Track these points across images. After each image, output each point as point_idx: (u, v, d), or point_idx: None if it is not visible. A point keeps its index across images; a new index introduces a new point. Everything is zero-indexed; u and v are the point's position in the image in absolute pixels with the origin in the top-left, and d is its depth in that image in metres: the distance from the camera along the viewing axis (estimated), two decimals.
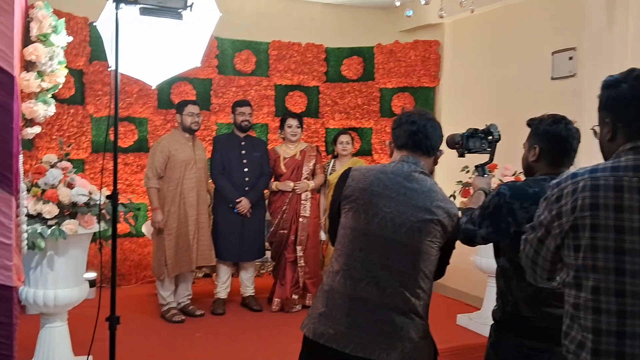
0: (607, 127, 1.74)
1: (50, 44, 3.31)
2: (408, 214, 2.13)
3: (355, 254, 2.17)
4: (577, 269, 1.64)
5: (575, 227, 1.64)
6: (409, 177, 2.20)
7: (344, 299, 2.16)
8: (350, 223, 2.21)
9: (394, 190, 2.16)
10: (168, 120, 6.29)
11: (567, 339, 1.68)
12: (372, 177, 2.21)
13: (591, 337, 1.60)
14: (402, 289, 2.12)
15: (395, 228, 2.13)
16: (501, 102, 5.80)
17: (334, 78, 7.04)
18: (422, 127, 2.26)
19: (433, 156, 2.32)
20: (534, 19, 5.45)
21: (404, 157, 2.27)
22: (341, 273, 2.19)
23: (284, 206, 5.32)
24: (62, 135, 5.63)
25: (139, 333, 4.64)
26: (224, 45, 6.60)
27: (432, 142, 2.28)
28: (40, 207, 3.39)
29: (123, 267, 6.10)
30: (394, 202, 2.15)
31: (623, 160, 1.64)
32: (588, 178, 1.64)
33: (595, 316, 1.59)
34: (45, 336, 3.65)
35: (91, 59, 5.96)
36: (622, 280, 1.57)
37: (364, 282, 2.14)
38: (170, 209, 4.93)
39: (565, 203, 1.66)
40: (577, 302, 1.64)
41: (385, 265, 2.13)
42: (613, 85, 1.73)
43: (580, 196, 1.62)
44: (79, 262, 3.69)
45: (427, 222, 2.13)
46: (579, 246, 1.63)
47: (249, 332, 4.77)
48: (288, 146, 5.45)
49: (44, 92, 3.36)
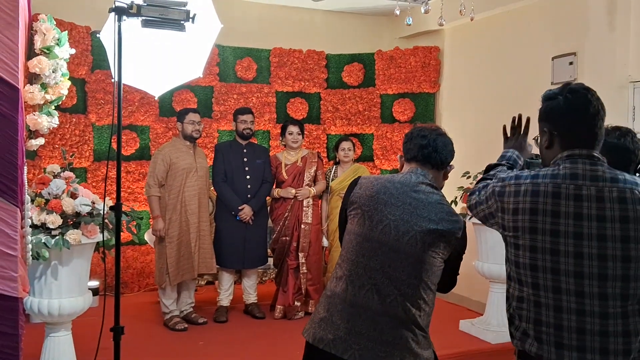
0: (545, 135, 1.98)
1: (54, 56, 3.34)
2: (412, 223, 2.15)
3: (358, 259, 2.20)
4: (517, 265, 1.94)
5: (515, 228, 1.89)
6: (416, 188, 2.22)
7: (344, 305, 2.18)
8: (355, 229, 2.24)
9: (399, 200, 2.19)
10: (170, 128, 6.31)
11: (512, 326, 1.95)
12: (380, 186, 2.24)
13: (533, 327, 1.87)
14: (403, 298, 2.13)
15: (399, 236, 2.14)
16: (501, 107, 5.81)
17: (334, 84, 7.06)
18: (432, 141, 2.29)
19: (442, 170, 2.34)
20: (534, 24, 5.47)
21: (413, 169, 2.30)
22: (344, 279, 2.22)
23: (286, 213, 5.33)
24: (64, 144, 5.65)
25: (142, 341, 4.64)
26: (225, 52, 6.63)
27: (442, 156, 2.30)
28: (44, 217, 3.41)
29: (125, 275, 6.11)
30: (399, 211, 2.17)
31: (561, 168, 1.85)
32: (530, 183, 1.86)
33: (537, 309, 1.86)
34: (50, 345, 3.66)
35: (93, 67, 5.99)
36: (557, 278, 1.82)
37: (365, 289, 2.16)
38: (171, 217, 4.94)
39: (516, 202, 1.88)
40: (520, 295, 1.92)
41: (386, 273, 2.14)
42: (551, 98, 1.96)
43: (522, 199, 1.86)
44: (82, 272, 3.71)
45: (430, 233, 2.14)
46: (518, 245, 1.91)
47: (251, 339, 4.78)
48: (289, 153, 5.46)
49: (47, 104, 3.38)
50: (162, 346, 4.61)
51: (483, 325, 4.87)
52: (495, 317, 4.85)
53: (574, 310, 1.80)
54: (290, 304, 5.31)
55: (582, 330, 1.80)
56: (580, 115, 1.89)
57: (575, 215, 1.79)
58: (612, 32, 4.65)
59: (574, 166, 1.84)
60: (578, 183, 1.81)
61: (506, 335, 4.64)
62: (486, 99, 6.04)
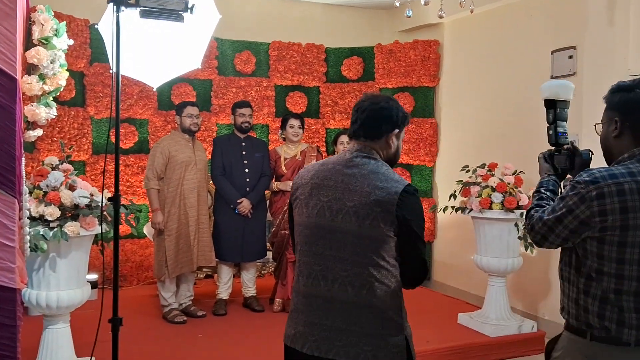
0: (614, 125, 2.02)
1: (52, 47, 3.32)
2: (345, 199, 2.07)
3: (303, 249, 2.17)
4: (622, 262, 1.92)
5: (625, 227, 1.89)
6: (349, 164, 2.14)
7: (299, 297, 2.16)
8: (297, 219, 2.22)
9: (332, 179, 2.13)
10: (168, 122, 6.30)
11: (605, 319, 1.95)
12: (314, 171, 2.21)
13: (635, 315, 1.92)
14: (351, 280, 2.04)
15: (333, 216, 2.08)
16: (501, 101, 5.81)
17: (334, 78, 7.05)
18: (360, 112, 2.18)
19: (382, 138, 2.18)
20: (534, 18, 5.45)
21: (351, 146, 2.23)
22: (296, 271, 2.21)
23: (285, 206, 5.33)
24: (63, 137, 5.65)
25: (140, 334, 4.64)
26: (224, 46, 6.61)
27: (372, 127, 2.16)
28: (42, 209, 3.41)
29: (124, 268, 6.11)
30: (331, 191, 2.11)
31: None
32: (632, 181, 1.90)
33: (637, 299, 1.92)
34: (48, 338, 3.66)
35: (91, 60, 5.98)
36: None
37: (312, 277, 2.12)
38: (170, 210, 4.94)
39: (612, 202, 1.90)
40: (619, 288, 1.93)
41: (330, 256, 2.08)
42: (627, 90, 2.01)
43: (630, 198, 1.89)
44: (81, 264, 3.70)
45: (363, 206, 2.03)
46: (625, 243, 1.90)
47: (250, 332, 4.78)
48: (289, 147, 5.45)
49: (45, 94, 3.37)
50: (161, 339, 4.61)
51: (482, 318, 4.87)
52: (493, 310, 4.85)
53: None
54: (289, 297, 5.31)
55: None
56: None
57: None
58: (611, 26, 4.63)
59: None
60: None
61: (505, 328, 4.72)
62: (486, 92, 6.03)
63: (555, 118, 2.29)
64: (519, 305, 5.36)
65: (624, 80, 2.05)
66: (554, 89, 2.31)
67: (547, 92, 2.31)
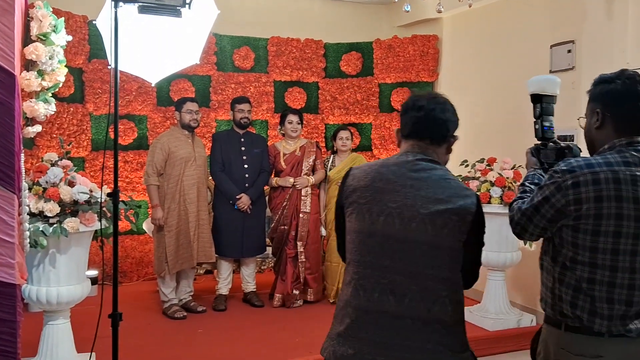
0: (596, 116, 2.05)
1: (51, 42, 3.32)
2: (417, 206, 1.88)
3: (365, 259, 1.94)
4: (596, 250, 1.92)
5: (599, 215, 1.90)
6: (415, 167, 1.95)
7: (358, 313, 1.92)
8: (355, 226, 1.98)
9: (398, 184, 1.92)
10: (167, 118, 6.31)
11: (578, 308, 1.96)
12: (374, 173, 1.98)
13: (607, 306, 1.92)
14: (423, 295, 1.87)
15: (404, 224, 1.88)
16: (500, 95, 5.81)
17: (333, 74, 7.05)
18: (429, 112, 1.99)
19: (445, 144, 2.04)
20: (533, 12, 5.45)
21: (410, 147, 2.02)
22: (352, 284, 1.96)
23: (284, 202, 5.34)
24: (62, 134, 5.65)
25: (141, 330, 4.66)
26: (222, 41, 6.61)
27: (442, 129, 2.01)
28: (41, 206, 3.41)
29: (124, 264, 6.13)
30: (400, 196, 1.90)
31: (629, 155, 1.95)
32: (608, 170, 1.91)
33: (610, 289, 1.93)
34: (49, 333, 3.67)
35: (90, 57, 5.98)
36: (634, 259, 1.92)
37: (377, 291, 1.90)
38: (170, 206, 4.94)
39: (587, 191, 1.91)
40: (592, 277, 1.94)
41: (399, 269, 1.89)
42: (607, 81, 2.04)
43: (605, 187, 1.90)
44: (80, 260, 3.71)
45: (440, 214, 1.87)
46: (598, 232, 1.91)
47: (250, 327, 4.79)
48: (288, 142, 5.46)
49: (44, 91, 3.38)
50: (161, 334, 4.63)
51: (481, 312, 4.89)
52: (493, 304, 4.87)
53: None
54: (289, 292, 5.33)
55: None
56: (637, 102, 1.99)
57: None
58: (610, 19, 4.63)
59: (638, 154, 1.96)
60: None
61: (504, 322, 4.73)
62: (484, 87, 6.03)
63: (541, 112, 2.31)
64: (518, 299, 5.37)
65: (606, 73, 2.07)
66: (540, 83, 2.33)
67: (534, 86, 2.33)
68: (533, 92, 2.33)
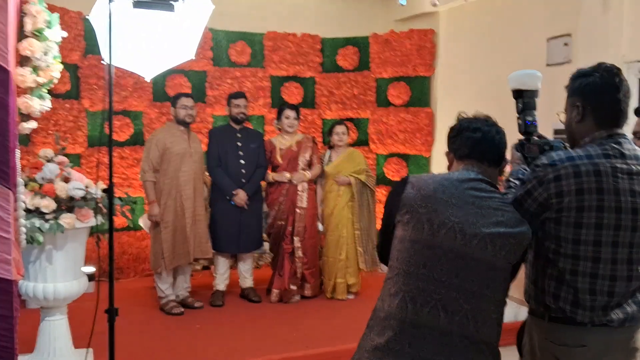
0: (577, 110, 2.06)
1: (45, 38, 3.31)
2: (479, 224, 1.87)
3: (418, 271, 1.88)
4: (578, 242, 1.94)
5: (580, 207, 1.92)
6: (478, 187, 1.94)
7: (404, 326, 1.86)
8: (411, 235, 1.91)
9: (461, 199, 1.90)
10: (163, 113, 6.29)
11: (560, 300, 1.98)
12: (436, 184, 1.94)
13: (589, 297, 1.94)
14: (474, 314, 1.85)
15: (466, 240, 1.85)
16: (496, 89, 5.79)
17: (329, 68, 7.03)
18: (487, 134, 2.02)
19: (499, 167, 2.07)
20: (529, 5, 5.45)
21: (469, 166, 2.02)
22: (400, 295, 1.89)
23: (281, 197, 5.33)
24: (58, 130, 5.63)
25: (138, 326, 4.66)
26: (218, 36, 6.58)
27: (500, 151, 2.03)
28: (37, 202, 3.41)
29: (121, 260, 6.11)
30: (462, 212, 1.88)
31: (609, 148, 1.97)
32: (589, 163, 1.93)
33: (593, 280, 1.94)
34: (46, 329, 3.68)
35: (86, 53, 5.95)
36: (615, 250, 1.94)
37: (429, 306, 1.85)
38: (166, 202, 4.93)
39: (568, 184, 1.92)
40: (575, 269, 1.95)
41: (453, 285, 1.85)
42: (586, 75, 2.06)
43: (586, 180, 1.91)
44: (77, 256, 3.71)
45: (500, 235, 1.87)
46: (581, 224, 1.93)
47: (248, 323, 4.80)
48: (284, 137, 5.45)
49: (39, 87, 3.37)
50: (159, 330, 4.63)
51: None
52: None
53: (625, 277, 1.97)
54: (286, 287, 5.33)
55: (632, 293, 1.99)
56: (615, 94, 2.01)
57: (631, 192, 1.94)
58: (606, 12, 4.63)
59: (619, 146, 1.98)
60: (627, 162, 1.96)
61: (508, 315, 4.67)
62: (481, 81, 6.03)
63: (523, 107, 2.32)
64: (515, 293, 5.34)
65: (584, 67, 2.10)
66: (521, 78, 2.34)
67: (514, 82, 2.35)
68: (514, 87, 2.35)
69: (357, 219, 5.45)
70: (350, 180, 5.42)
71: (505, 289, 1.95)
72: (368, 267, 5.47)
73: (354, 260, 5.45)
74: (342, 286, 5.43)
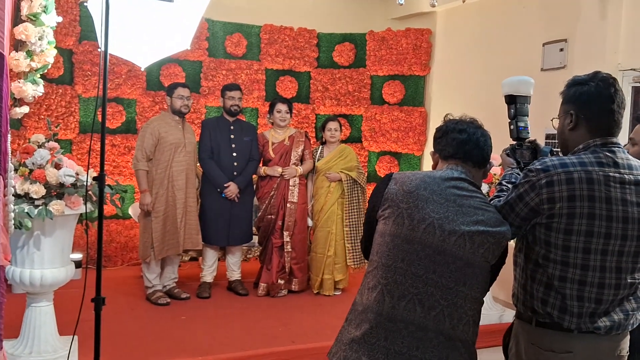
0: (570, 118, 2.06)
1: (41, 23, 3.29)
2: (459, 221, 1.90)
3: (397, 265, 1.91)
4: (567, 249, 1.95)
5: (571, 214, 1.92)
6: (459, 185, 1.98)
7: (380, 320, 1.90)
8: (391, 229, 1.95)
9: (442, 196, 1.93)
10: (157, 102, 6.26)
11: (548, 305, 1.99)
12: (418, 181, 1.97)
13: (577, 304, 1.95)
14: (451, 310, 1.88)
15: (445, 236, 1.89)
16: (491, 92, 5.81)
17: (325, 64, 7.02)
18: (472, 135, 2.06)
19: (483, 169, 2.11)
20: (526, 9, 5.46)
21: (452, 165, 2.06)
22: (379, 288, 1.92)
23: (272, 191, 5.33)
24: (50, 115, 5.60)
25: (124, 315, 4.65)
26: (215, 27, 6.56)
27: (484, 152, 2.07)
28: (27, 187, 3.39)
29: (109, 248, 6.10)
30: (442, 208, 1.91)
31: (602, 156, 1.97)
32: (581, 170, 1.93)
33: (581, 287, 1.95)
34: (31, 315, 3.66)
35: (81, 38, 5.91)
36: (604, 258, 1.95)
37: (405, 299, 1.88)
38: (158, 191, 4.91)
39: (560, 190, 1.92)
40: (564, 275, 1.96)
41: (431, 280, 1.88)
42: (581, 83, 2.06)
43: (578, 187, 1.91)
44: (65, 243, 3.69)
45: (479, 234, 1.91)
46: (571, 230, 1.93)
47: (234, 316, 4.80)
48: (277, 131, 5.44)
49: (33, 71, 3.34)
50: (144, 320, 4.62)
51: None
52: None
53: (613, 285, 1.97)
54: (274, 281, 5.33)
55: (620, 301, 2.00)
56: (609, 105, 2.01)
57: (622, 201, 1.94)
58: (603, 19, 4.65)
59: (612, 155, 1.99)
60: (620, 171, 1.97)
61: (486, 317, 4.72)
62: (476, 83, 6.04)
63: (516, 113, 2.36)
64: (501, 295, 5.41)
65: (580, 75, 2.11)
66: (514, 85, 2.37)
67: (508, 88, 2.38)
68: (507, 93, 2.38)
69: (347, 216, 5.45)
70: (341, 176, 5.42)
71: (483, 289, 1.97)
72: (356, 264, 5.48)
73: (342, 257, 5.46)
74: (330, 282, 5.44)
